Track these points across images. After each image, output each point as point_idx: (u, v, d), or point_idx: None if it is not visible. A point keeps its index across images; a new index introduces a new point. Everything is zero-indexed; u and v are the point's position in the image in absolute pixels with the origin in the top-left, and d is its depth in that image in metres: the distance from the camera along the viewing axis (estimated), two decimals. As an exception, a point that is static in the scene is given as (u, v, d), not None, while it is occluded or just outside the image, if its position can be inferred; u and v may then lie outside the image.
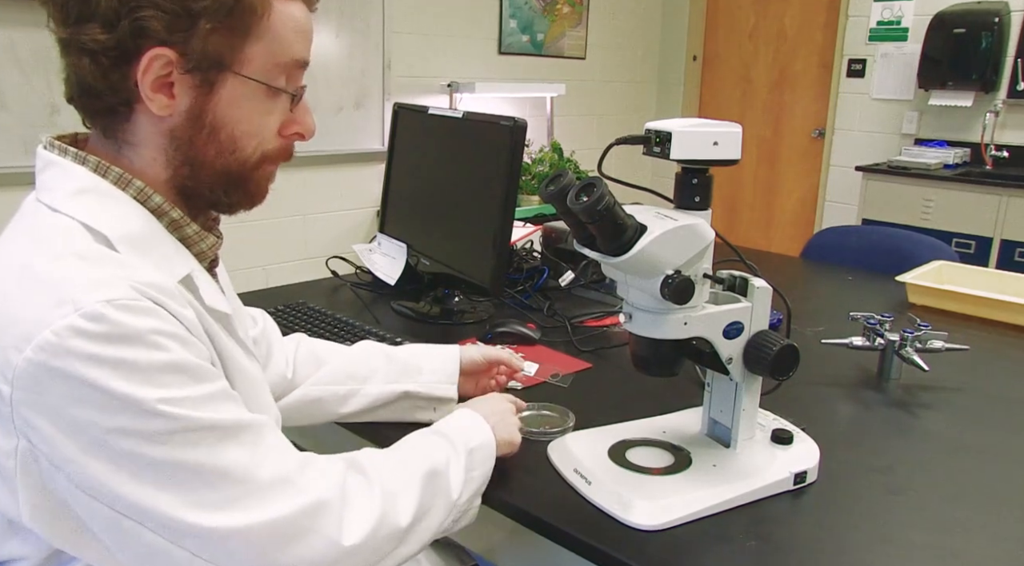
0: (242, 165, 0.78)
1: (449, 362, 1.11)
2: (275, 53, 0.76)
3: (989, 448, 1.10)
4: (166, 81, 0.72)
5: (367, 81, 3.50)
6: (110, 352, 0.62)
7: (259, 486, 0.68)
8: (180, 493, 0.65)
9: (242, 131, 0.76)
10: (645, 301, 0.89)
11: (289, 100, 0.79)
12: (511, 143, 1.36)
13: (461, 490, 0.85)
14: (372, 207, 3.61)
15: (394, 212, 1.77)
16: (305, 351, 1.11)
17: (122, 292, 0.64)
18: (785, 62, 4.51)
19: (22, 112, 2.55)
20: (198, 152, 0.76)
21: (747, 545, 0.85)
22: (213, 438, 0.66)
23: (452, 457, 0.86)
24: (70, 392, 0.62)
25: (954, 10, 3.62)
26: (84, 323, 0.62)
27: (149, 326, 0.64)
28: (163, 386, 0.64)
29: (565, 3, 4.31)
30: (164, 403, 0.63)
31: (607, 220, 0.82)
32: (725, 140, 0.88)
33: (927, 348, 1.29)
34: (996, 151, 3.70)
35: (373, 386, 1.08)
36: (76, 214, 0.70)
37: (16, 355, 0.62)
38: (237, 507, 0.66)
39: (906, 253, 2.12)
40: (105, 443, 0.63)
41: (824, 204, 4.38)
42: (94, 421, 0.62)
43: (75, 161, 0.74)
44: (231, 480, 0.67)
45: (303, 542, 0.69)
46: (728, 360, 0.93)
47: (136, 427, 0.63)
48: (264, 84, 0.76)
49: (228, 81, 0.74)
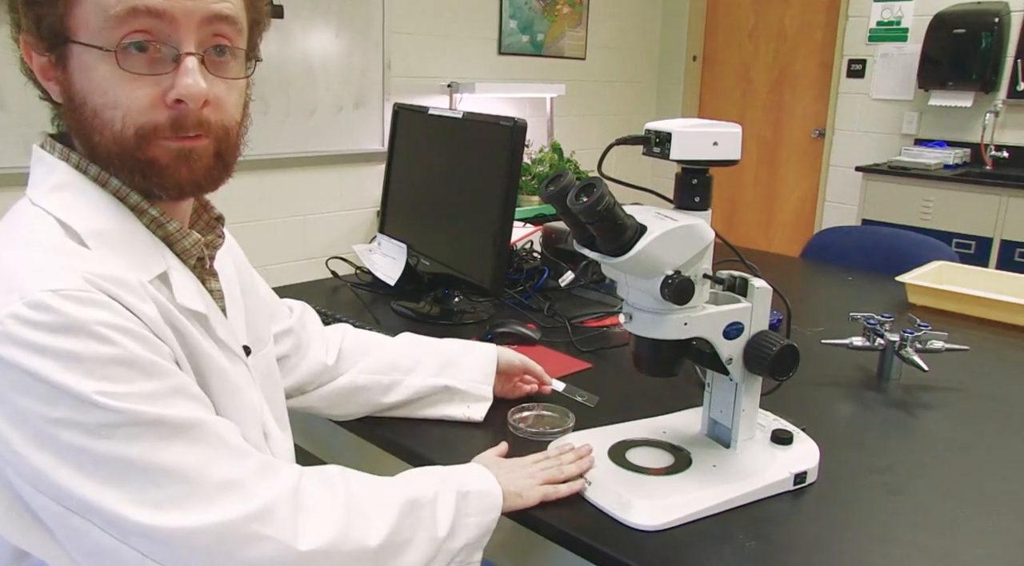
0: (120, 143, 0.71)
1: (487, 361, 1.14)
2: (100, 9, 0.68)
3: (989, 448, 1.10)
4: (44, 66, 0.72)
5: (367, 81, 3.50)
6: (52, 341, 0.61)
7: (206, 487, 0.65)
8: (124, 489, 0.63)
9: (100, 104, 0.70)
10: (645, 301, 0.89)
11: (146, 59, 0.70)
12: (511, 143, 1.36)
13: (450, 530, 0.79)
14: (372, 207, 3.62)
15: (394, 212, 1.77)
16: (351, 340, 1.14)
17: (71, 283, 0.63)
18: (785, 62, 4.51)
19: (22, 112, 2.55)
20: (88, 135, 0.72)
21: (747, 545, 0.85)
22: (158, 435, 0.64)
23: (441, 493, 0.81)
24: (12, 380, 0.61)
25: (954, 10, 3.62)
26: (27, 311, 0.61)
27: (96, 318, 0.63)
28: (106, 379, 0.62)
29: (565, 3, 4.31)
30: (105, 396, 0.62)
31: (607, 220, 0.82)
32: (725, 140, 0.88)
33: (927, 348, 1.29)
34: (996, 151, 3.70)
35: (415, 378, 1.10)
36: (51, 208, 0.71)
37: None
38: (182, 507, 0.64)
39: (906, 253, 2.12)
40: (48, 435, 0.61)
41: (824, 204, 4.38)
42: (36, 411, 0.61)
43: (59, 157, 0.74)
44: (177, 479, 0.64)
45: (253, 547, 0.67)
46: (728, 360, 0.93)
47: (77, 419, 0.61)
48: (97, 48, 0.69)
49: (73, 52, 0.70)
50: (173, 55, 0.70)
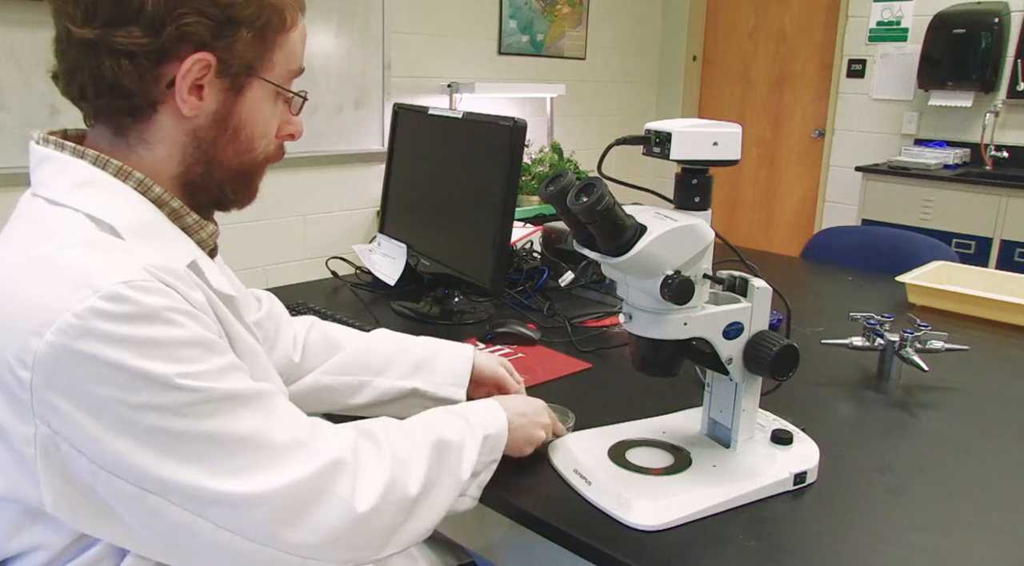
0: (252, 164, 0.83)
1: (462, 364, 1.10)
2: (289, 60, 0.81)
3: (989, 448, 1.10)
4: (198, 83, 0.75)
5: (367, 81, 3.50)
6: (130, 331, 0.64)
7: (275, 451, 0.70)
8: (202, 463, 0.67)
9: (258, 132, 0.81)
10: (645, 301, 0.89)
11: (288, 103, 0.84)
12: (511, 143, 1.36)
13: (472, 472, 0.86)
14: (372, 207, 3.62)
15: (394, 212, 1.77)
16: (318, 335, 1.11)
17: (136, 274, 0.66)
18: (785, 62, 4.51)
19: (22, 112, 2.55)
20: (219, 151, 0.80)
21: (747, 545, 0.85)
22: (230, 407, 0.68)
23: (468, 437, 0.87)
24: (93, 372, 0.63)
25: (954, 10, 3.62)
26: (104, 304, 0.63)
27: (165, 304, 0.66)
28: (182, 361, 0.66)
29: (565, 3, 4.31)
30: (184, 377, 0.65)
31: (607, 220, 0.82)
32: (725, 140, 0.88)
33: (927, 348, 1.29)
34: (996, 151, 3.70)
35: (384, 380, 1.08)
36: (80, 206, 0.71)
37: (36, 340, 0.62)
38: (256, 471, 0.68)
39: (906, 253, 2.12)
40: (129, 420, 0.64)
41: (824, 204, 4.38)
42: (118, 399, 0.64)
43: (73, 155, 0.75)
44: (249, 446, 0.69)
45: (320, 505, 0.71)
46: (728, 360, 0.93)
47: (158, 402, 0.65)
48: (283, 89, 0.82)
49: (254, 85, 0.79)
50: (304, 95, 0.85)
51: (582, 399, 1.20)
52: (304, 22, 0.83)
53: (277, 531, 0.69)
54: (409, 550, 1.07)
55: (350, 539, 0.74)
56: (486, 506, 0.97)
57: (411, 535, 0.80)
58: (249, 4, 0.75)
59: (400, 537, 0.78)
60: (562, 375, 1.29)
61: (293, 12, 0.79)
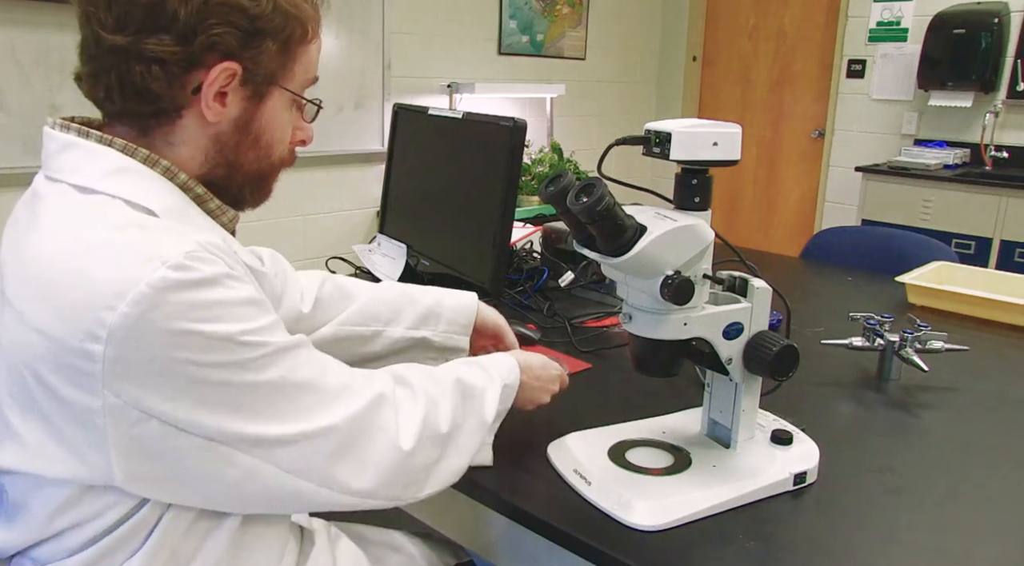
0: (269, 168, 0.87)
1: (466, 313, 1.16)
2: (307, 70, 0.85)
3: (989, 448, 1.10)
4: (222, 91, 0.78)
5: (367, 81, 3.50)
6: (198, 296, 0.68)
7: (329, 392, 0.76)
8: (268, 411, 0.72)
9: (276, 138, 0.85)
10: (645, 302, 0.90)
11: (302, 110, 0.88)
12: (511, 143, 1.36)
13: (495, 415, 0.91)
14: (372, 207, 3.62)
15: (394, 212, 1.77)
16: (332, 287, 1.15)
17: (192, 246, 0.70)
18: (785, 62, 4.51)
19: (22, 112, 2.55)
20: (240, 156, 0.83)
21: (747, 546, 0.85)
22: (287, 357, 0.74)
23: (488, 383, 0.92)
24: (166, 338, 0.67)
25: (954, 10, 3.62)
26: (173, 274, 0.67)
27: (222, 271, 0.71)
28: (243, 320, 0.71)
29: (565, 3, 4.31)
30: (246, 334, 0.70)
31: (607, 221, 0.82)
32: (725, 141, 0.88)
33: (927, 348, 1.29)
34: (996, 151, 3.70)
35: (395, 329, 1.13)
36: (116, 192, 0.74)
37: (109, 314, 0.65)
38: (314, 413, 0.74)
39: (906, 253, 2.12)
40: (200, 379, 0.68)
41: (824, 204, 4.38)
42: (190, 360, 0.67)
43: (101, 143, 0.77)
44: (307, 391, 0.75)
45: (370, 440, 0.78)
46: (728, 361, 0.93)
47: (227, 359, 0.69)
48: (302, 98, 0.86)
49: (274, 94, 0.82)
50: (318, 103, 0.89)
51: (582, 399, 1.20)
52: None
53: (332, 469, 0.75)
54: (407, 549, 1.08)
55: (396, 475, 0.80)
56: (486, 506, 0.97)
57: (446, 474, 0.85)
58: (275, 17, 0.78)
59: (437, 476, 0.84)
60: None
61: (315, 25, 0.83)
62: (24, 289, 0.70)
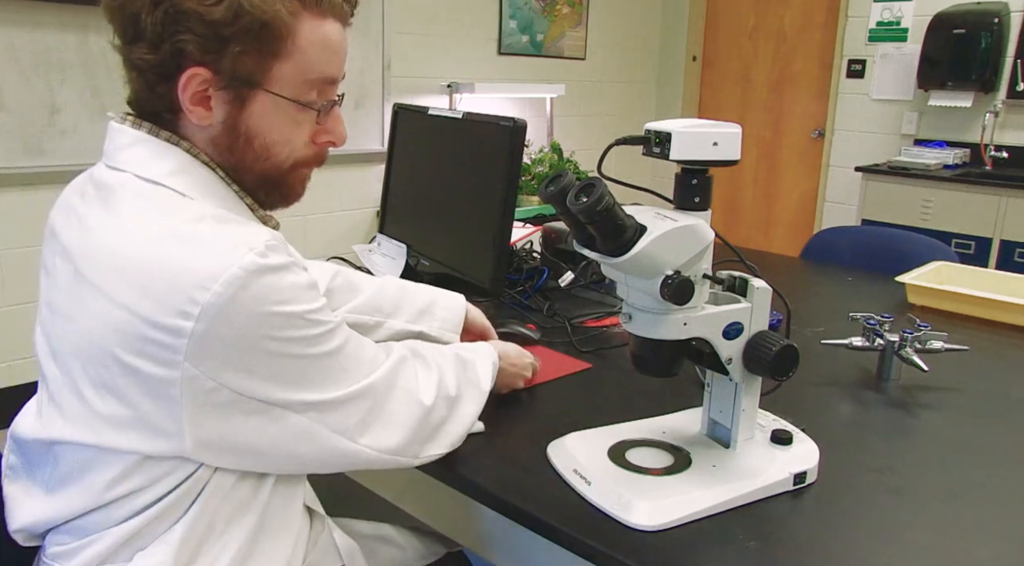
0: (276, 169, 0.87)
1: (457, 312, 1.23)
2: (304, 71, 0.83)
3: (989, 448, 1.10)
4: (204, 95, 0.80)
5: (367, 81, 3.50)
6: (279, 280, 0.75)
7: (367, 360, 0.86)
8: (322, 379, 0.80)
9: (273, 140, 0.85)
10: (645, 301, 0.90)
11: (318, 111, 0.87)
12: (511, 144, 1.36)
13: (487, 388, 1.00)
14: (372, 207, 3.62)
15: (394, 212, 1.77)
16: (342, 280, 1.21)
17: (267, 237, 0.77)
18: (785, 62, 4.51)
19: (22, 112, 2.55)
20: (237, 158, 0.85)
21: (747, 545, 0.85)
22: (338, 334, 0.82)
23: (478, 359, 1.03)
24: (251, 317, 0.73)
25: (954, 10, 3.62)
26: (259, 259, 0.74)
27: (291, 260, 0.78)
28: (310, 301, 0.78)
29: (565, 3, 4.31)
30: (312, 313, 0.78)
31: (606, 220, 0.82)
32: (724, 141, 0.88)
33: (927, 348, 1.29)
34: (996, 151, 3.70)
35: (396, 322, 1.19)
36: (185, 189, 0.80)
37: (202, 293, 0.71)
38: (360, 375, 0.84)
39: (906, 253, 2.12)
40: (275, 352, 0.76)
41: (824, 204, 4.38)
42: (269, 336, 0.75)
43: (168, 142, 0.82)
44: (354, 360, 0.84)
45: (395, 399, 0.87)
46: (728, 360, 0.93)
47: (299, 335, 0.77)
48: (291, 101, 0.83)
49: (259, 97, 0.82)
50: (330, 105, 0.88)
51: (582, 399, 1.20)
52: (334, 28, 0.84)
53: (366, 429, 0.84)
54: (396, 540, 1.14)
55: (419, 430, 0.89)
56: (485, 505, 0.97)
57: (451, 437, 0.94)
58: (238, 21, 0.77)
59: (443, 437, 0.93)
60: (562, 375, 1.29)
61: (288, 25, 0.80)
62: (108, 271, 0.75)
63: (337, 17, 0.85)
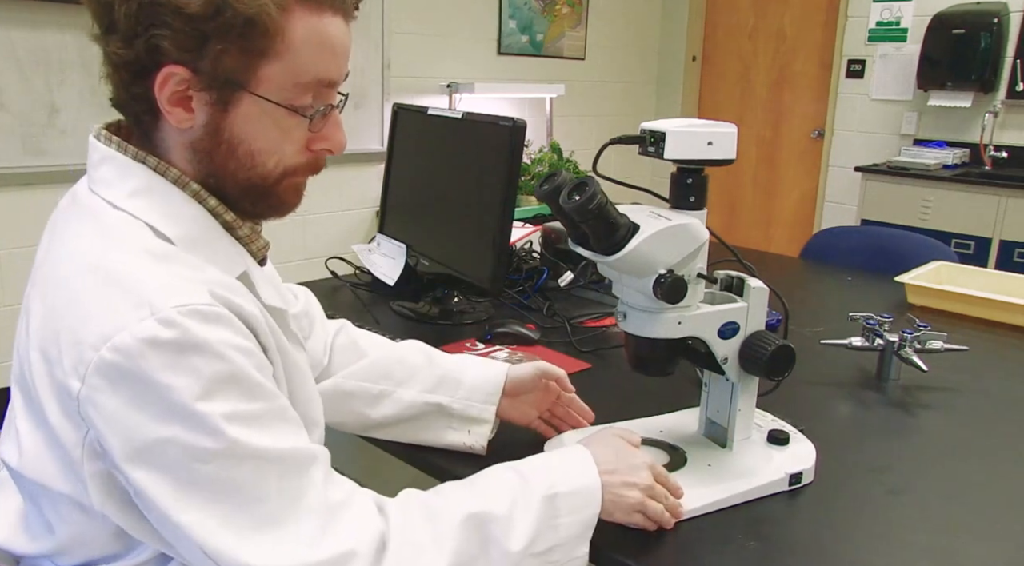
0: (263, 179, 0.77)
1: (492, 380, 1.01)
2: (295, 73, 0.74)
3: (989, 448, 1.09)
4: (184, 96, 0.72)
5: (366, 81, 3.50)
6: (177, 360, 0.64)
7: (294, 520, 0.67)
8: (215, 510, 0.65)
9: (259, 148, 0.75)
10: (639, 300, 0.89)
11: (312, 116, 0.77)
12: (510, 143, 1.36)
13: (532, 539, 0.75)
14: (372, 207, 3.61)
15: (393, 212, 1.77)
16: (345, 339, 1.08)
17: (198, 297, 0.66)
18: (784, 62, 4.50)
19: (22, 112, 2.55)
20: (219, 165, 0.76)
21: (747, 545, 0.85)
22: (256, 463, 0.66)
23: (519, 502, 0.77)
24: (134, 395, 0.64)
25: (953, 10, 3.61)
26: (159, 329, 0.64)
27: (217, 337, 0.66)
28: (218, 400, 0.65)
29: (564, 3, 4.31)
30: (216, 418, 0.64)
31: (599, 219, 0.82)
32: (720, 140, 0.88)
33: (926, 348, 1.29)
34: (995, 151, 3.70)
35: (407, 392, 1.01)
36: (139, 213, 0.72)
37: (92, 353, 0.64)
38: (267, 538, 0.65)
39: (905, 253, 2.12)
40: (153, 450, 0.64)
41: (823, 204, 4.37)
42: (148, 426, 0.64)
43: (135, 160, 0.75)
44: (267, 508, 0.66)
45: None
46: (723, 360, 0.93)
47: (187, 440, 0.64)
48: (280, 105, 0.74)
49: (244, 100, 0.73)
50: (326, 110, 0.78)
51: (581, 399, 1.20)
52: (334, 25, 0.75)
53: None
54: None
55: None
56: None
57: None
58: (219, 17, 0.68)
59: None
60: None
61: (276, 21, 0.71)
62: (40, 304, 0.71)
63: (336, 11, 0.75)
